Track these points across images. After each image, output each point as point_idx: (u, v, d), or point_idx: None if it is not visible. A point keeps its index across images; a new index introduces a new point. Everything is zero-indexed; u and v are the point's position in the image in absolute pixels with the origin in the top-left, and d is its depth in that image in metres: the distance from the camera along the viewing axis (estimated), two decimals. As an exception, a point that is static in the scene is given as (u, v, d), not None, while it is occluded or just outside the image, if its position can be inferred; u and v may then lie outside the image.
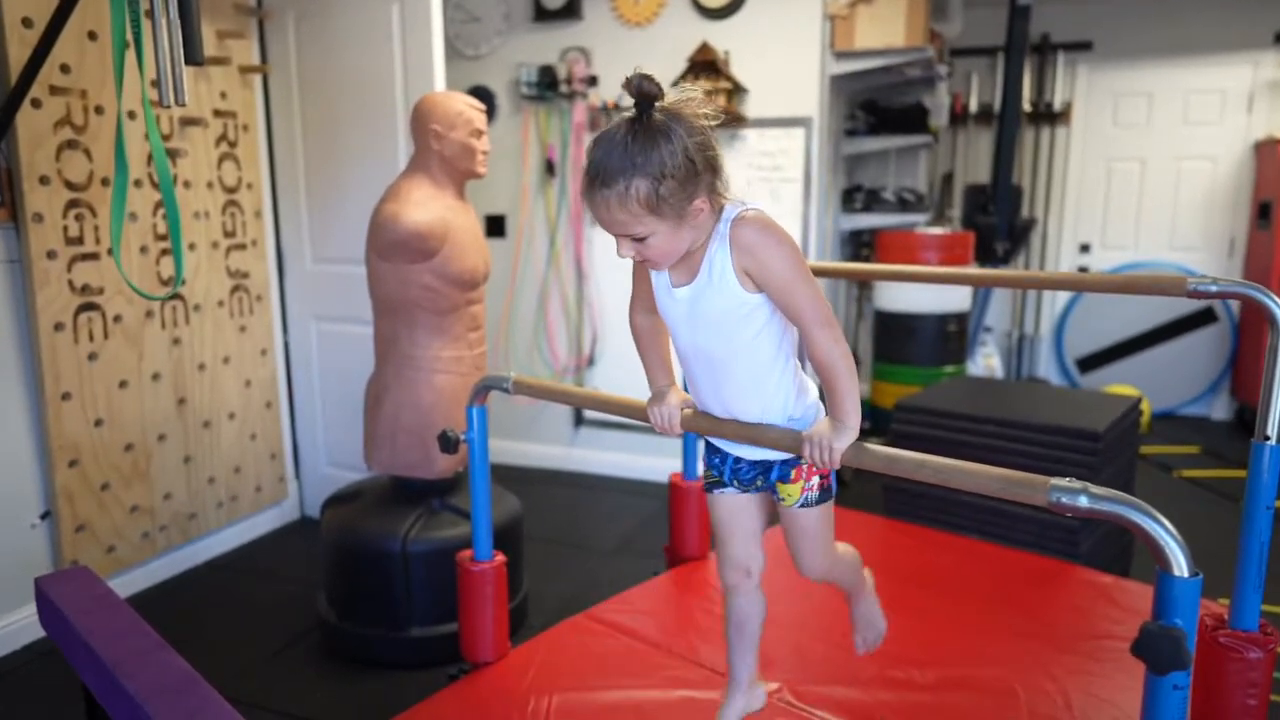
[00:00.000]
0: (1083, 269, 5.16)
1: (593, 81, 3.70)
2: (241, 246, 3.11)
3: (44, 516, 2.56)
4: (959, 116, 5.04)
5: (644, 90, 1.10)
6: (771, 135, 3.51)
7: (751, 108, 3.52)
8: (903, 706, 1.76)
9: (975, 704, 1.76)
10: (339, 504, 2.55)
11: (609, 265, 3.78)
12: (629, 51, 3.65)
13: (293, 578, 2.91)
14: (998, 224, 4.35)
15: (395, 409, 2.37)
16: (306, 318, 3.32)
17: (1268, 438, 1.53)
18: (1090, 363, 5.12)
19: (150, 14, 1.89)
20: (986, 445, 2.65)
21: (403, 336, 2.37)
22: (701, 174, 1.14)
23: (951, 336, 3.96)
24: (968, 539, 2.62)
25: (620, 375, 3.80)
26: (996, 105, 4.61)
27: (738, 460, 1.43)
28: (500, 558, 1.94)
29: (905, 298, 3.89)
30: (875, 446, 1.25)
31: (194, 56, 1.95)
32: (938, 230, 3.97)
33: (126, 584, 2.77)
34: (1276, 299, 1.51)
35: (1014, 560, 2.46)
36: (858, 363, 4.42)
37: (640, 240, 1.16)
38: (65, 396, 2.54)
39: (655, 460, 3.73)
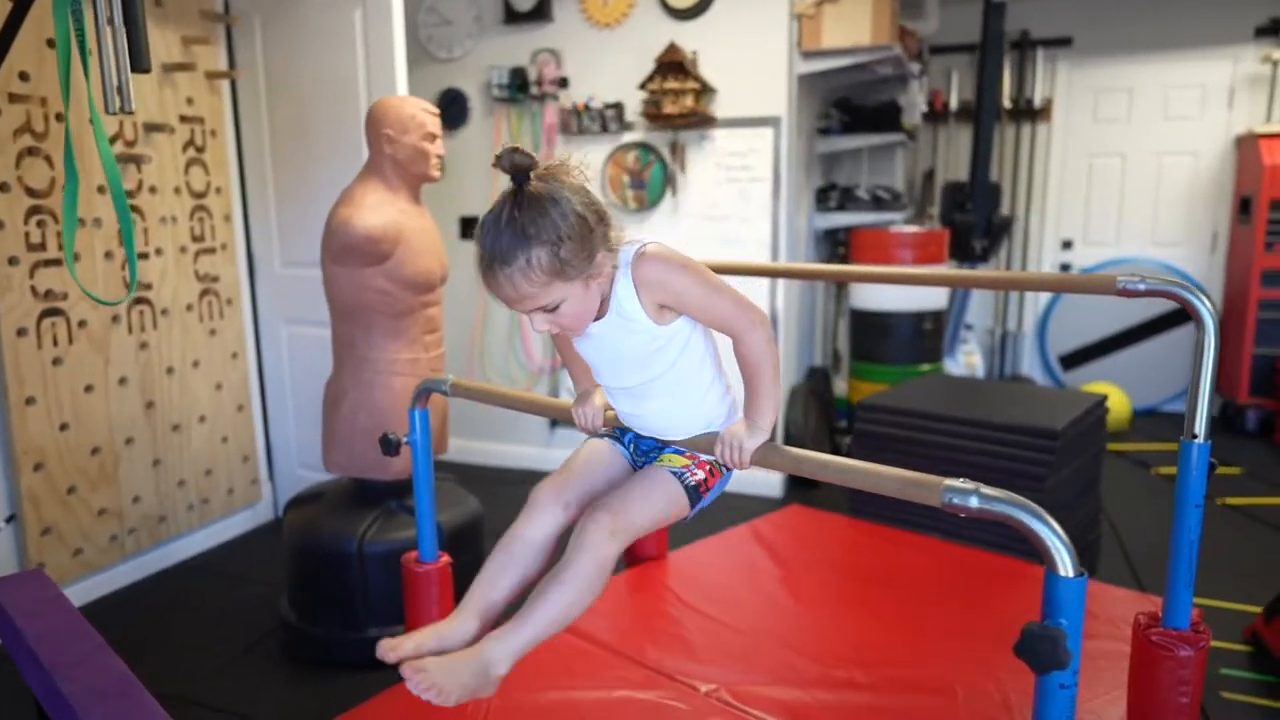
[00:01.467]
0: (1065, 266, 5.15)
1: (563, 83, 3.72)
2: (211, 250, 3.13)
3: (9, 520, 2.58)
4: (939, 114, 5.04)
5: (517, 163, 1.09)
6: (741, 135, 3.51)
7: (720, 107, 3.53)
8: (841, 706, 1.76)
9: (913, 704, 1.77)
10: (301, 505, 2.56)
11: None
12: (598, 52, 3.66)
13: (261, 579, 2.93)
14: (975, 221, 4.35)
15: (352, 411, 2.39)
16: (277, 321, 3.34)
17: (1195, 436, 1.54)
18: (1073, 360, 5.12)
19: (95, 21, 1.90)
20: (945, 444, 2.65)
21: (359, 340, 2.38)
22: (595, 228, 1.13)
23: (927, 334, 3.96)
24: (929, 538, 2.62)
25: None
26: (975, 102, 4.61)
27: (643, 438, 1.39)
28: (445, 559, 1.96)
29: (880, 296, 3.89)
30: (784, 448, 1.26)
31: (140, 64, 1.96)
32: (911, 228, 3.97)
33: (95, 586, 2.79)
34: (1202, 298, 1.51)
35: (973, 559, 2.47)
36: (837, 360, 4.45)
37: (553, 310, 1.14)
38: (30, 401, 2.56)
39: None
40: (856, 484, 1.18)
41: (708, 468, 1.34)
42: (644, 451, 1.41)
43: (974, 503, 1.05)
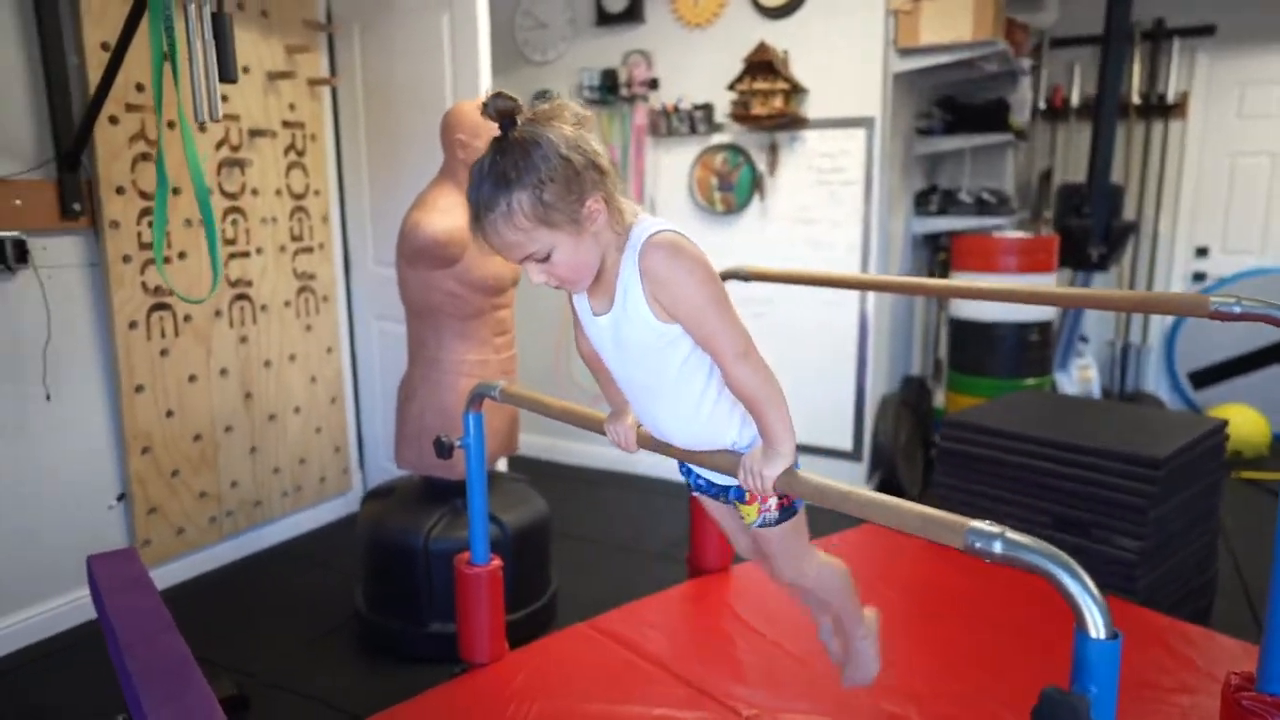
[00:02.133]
0: (1199, 276, 4.74)
1: (653, 84, 3.69)
2: (309, 250, 3.28)
3: (120, 498, 2.78)
4: (1059, 111, 4.72)
5: (500, 108, 1.07)
6: (832, 136, 3.40)
7: (811, 108, 3.42)
8: (890, 743, 1.67)
9: (969, 748, 1.65)
10: (375, 499, 2.65)
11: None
12: (688, 53, 3.62)
13: (343, 568, 3.04)
14: (1092, 227, 4.05)
15: (420, 410, 2.45)
16: (369, 317, 3.47)
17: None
18: (1205, 378, 4.70)
19: (188, 36, 2.02)
20: (1035, 468, 2.48)
21: (429, 340, 2.44)
22: (583, 172, 1.08)
23: (1033, 346, 3.73)
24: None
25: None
26: (1098, 98, 4.29)
27: (699, 475, 1.41)
28: (496, 562, 1.97)
29: (980, 305, 3.68)
30: (806, 475, 1.19)
31: (228, 75, 2.07)
32: (1017, 234, 3.74)
33: (194, 564, 2.98)
34: (1310, 323, 1.34)
35: (1054, 592, 2.29)
36: (938, 369, 4.24)
37: (545, 260, 1.12)
38: (139, 389, 2.75)
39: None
40: (877, 519, 1.11)
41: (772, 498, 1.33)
42: (713, 495, 1.43)
43: (998, 549, 0.96)
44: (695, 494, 1.47)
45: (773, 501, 1.33)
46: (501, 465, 3.39)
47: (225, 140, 2.92)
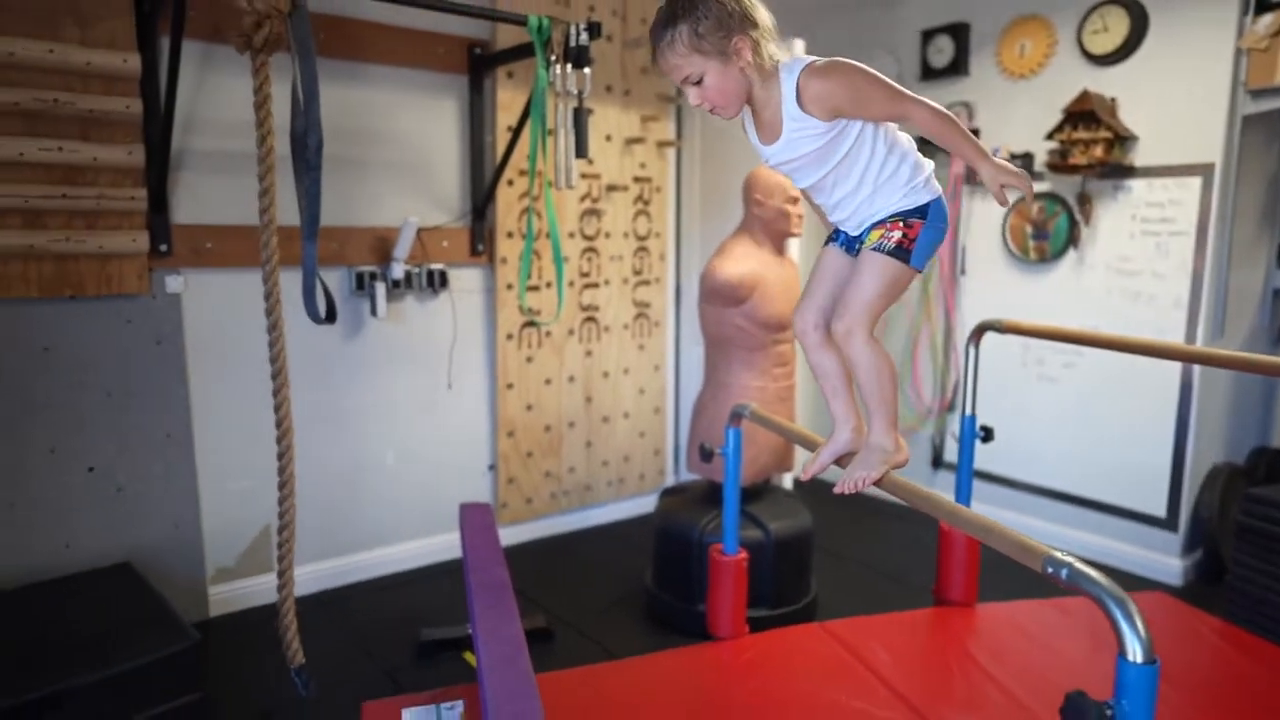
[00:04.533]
0: None
1: (975, 134, 3.78)
2: (646, 283, 3.93)
3: (490, 468, 3.63)
4: None
5: None
6: (1160, 185, 3.23)
7: (1140, 156, 3.29)
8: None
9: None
10: (670, 495, 3.16)
11: (978, 313, 3.81)
12: (1009, 103, 3.67)
13: (645, 550, 3.61)
14: None
15: (708, 424, 2.90)
16: (692, 343, 4.03)
17: None
18: None
19: (556, 125, 2.70)
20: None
21: (719, 365, 2.89)
22: (734, 16, 1.35)
23: None
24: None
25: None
26: None
27: (842, 232, 1.57)
28: (743, 555, 2.34)
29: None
30: (894, 477, 1.42)
31: (581, 153, 2.72)
32: None
33: (537, 529, 3.75)
34: None
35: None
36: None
37: (698, 84, 1.39)
38: (509, 386, 3.57)
39: (1002, 511, 3.67)
40: (960, 527, 1.29)
41: (900, 227, 1.45)
42: (852, 245, 1.54)
43: (1064, 575, 1.12)
44: (829, 245, 1.57)
45: (897, 234, 1.45)
46: (786, 482, 3.74)
47: (588, 194, 3.67)
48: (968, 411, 2.59)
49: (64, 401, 2.65)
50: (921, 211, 1.47)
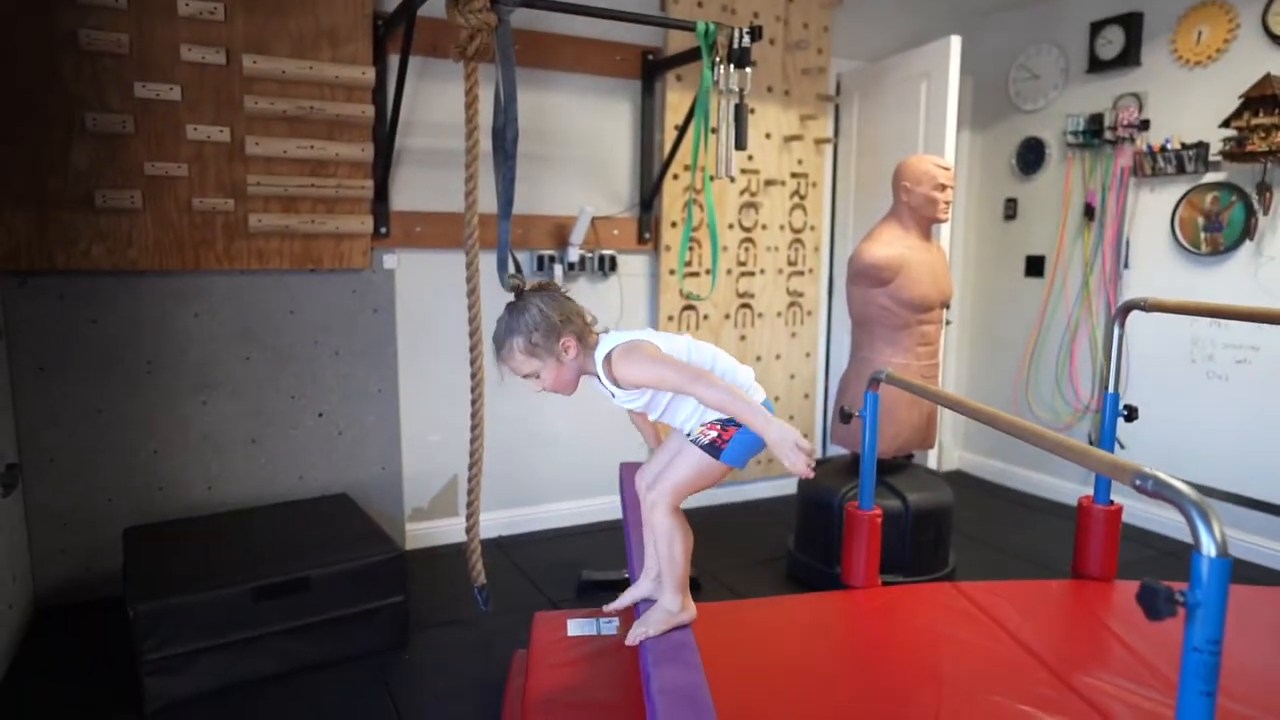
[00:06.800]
0: None
1: (1144, 125, 3.73)
2: (800, 273, 4.13)
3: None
4: None
5: (510, 286, 1.70)
6: (1347, 172, 3.09)
7: (1324, 142, 3.16)
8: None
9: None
10: (816, 466, 3.35)
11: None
12: (1183, 92, 3.60)
13: (791, 521, 3.80)
14: None
15: (852, 399, 3.07)
16: (842, 333, 4.19)
17: None
18: None
19: (719, 121, 2.98)
20: None
21: (864, 344, 3.06)
22: (559, 325, 1.61)
23: None
24: None
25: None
26: None
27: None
28: (877, 511, 2.51)
29: None
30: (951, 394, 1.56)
31: (740, 145, 2.98)
32: None
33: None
34: None
35: None
36: None
37: (536, 377, 1.66)
38: (669, 364, 3.87)
39: (1163, 511, 3.59)
40: (1050, 449, 1.44)
41: (717, 429, 1.66)
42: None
43: (1150, 485, 1.26)
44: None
45: (714, 434, 1.66)
46: (931, 461, 3.83)
47: (747, 189, 3.93)
48: (1110, 389, 2.64)
49: (304, 356, 3.20)
50: (738, 424, 1.62)
